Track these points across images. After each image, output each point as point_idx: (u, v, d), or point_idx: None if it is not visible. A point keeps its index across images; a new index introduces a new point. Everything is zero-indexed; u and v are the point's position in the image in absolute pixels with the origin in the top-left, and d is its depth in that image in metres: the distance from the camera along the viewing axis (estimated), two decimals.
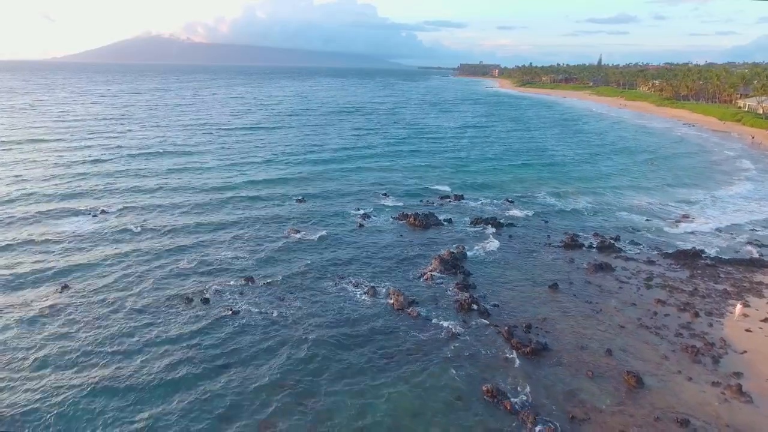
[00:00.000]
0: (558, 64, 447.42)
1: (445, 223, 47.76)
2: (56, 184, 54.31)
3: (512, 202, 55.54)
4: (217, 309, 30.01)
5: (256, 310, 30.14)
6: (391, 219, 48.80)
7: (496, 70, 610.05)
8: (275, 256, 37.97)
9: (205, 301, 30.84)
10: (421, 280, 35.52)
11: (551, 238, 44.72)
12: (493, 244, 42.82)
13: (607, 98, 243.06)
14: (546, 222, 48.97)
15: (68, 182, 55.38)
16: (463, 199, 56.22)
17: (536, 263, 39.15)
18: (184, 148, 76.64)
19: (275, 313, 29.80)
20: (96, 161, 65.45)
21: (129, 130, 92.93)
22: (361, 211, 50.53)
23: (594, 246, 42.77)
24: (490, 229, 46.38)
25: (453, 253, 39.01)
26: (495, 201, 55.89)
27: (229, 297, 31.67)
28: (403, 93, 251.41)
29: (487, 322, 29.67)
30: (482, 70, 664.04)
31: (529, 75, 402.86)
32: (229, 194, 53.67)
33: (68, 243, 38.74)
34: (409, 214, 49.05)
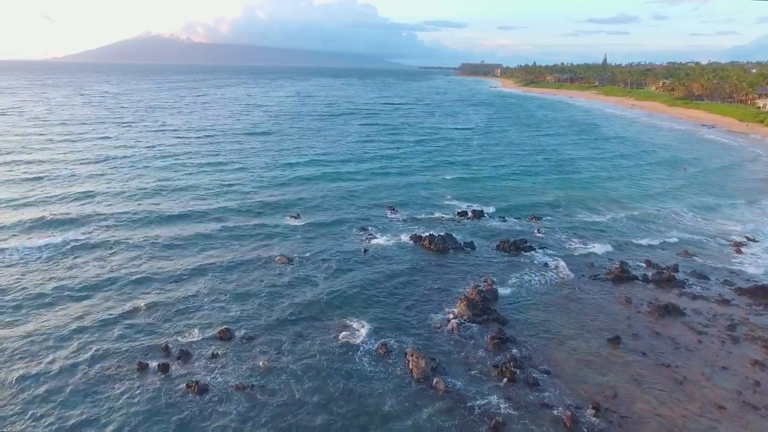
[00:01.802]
0: (562, 64, 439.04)
1: (466, 247, 40.22)
2: (14, 206, 46.22)
3: (540, 219, 47.98)
4: (177, 383, 22.48)
5: (231, 382, 22.61)
6: (401, 241, 41.33)
7: (498, 70, 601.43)
8: (261, 297, 30.43)
9: (164, 369, 23.32)
10: (445, 330, 28.02)
11: (595, 267, 37.19)
12: (527, 276, 35.30)
13: (615, 98, 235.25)
14: (585, 245, 41.43)
15: (27, 204, 46.55)
16: (483, 216, 48.68)
17: (585, 304, 31.62)
18: (169, 159, 67.69)
19: (254, 390, 22.26)
20: (66, 177, 56.06)
21: (113, 137, 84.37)
22: (367, 232, 43.09)
23: (650, 278, 35.23)
24: (521, 256, 38.85)
25: (481, 291, 31.48)
26: (520, 219, 48.30)
27: (197, 361, 24.16)
28: (406, 93, 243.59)
29: (540, 401, 22.16)
30: (484, 70, 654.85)
31: (533, 74, 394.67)
32: (212, 212, 45.92)
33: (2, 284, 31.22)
34: (424, 235, 41.59)
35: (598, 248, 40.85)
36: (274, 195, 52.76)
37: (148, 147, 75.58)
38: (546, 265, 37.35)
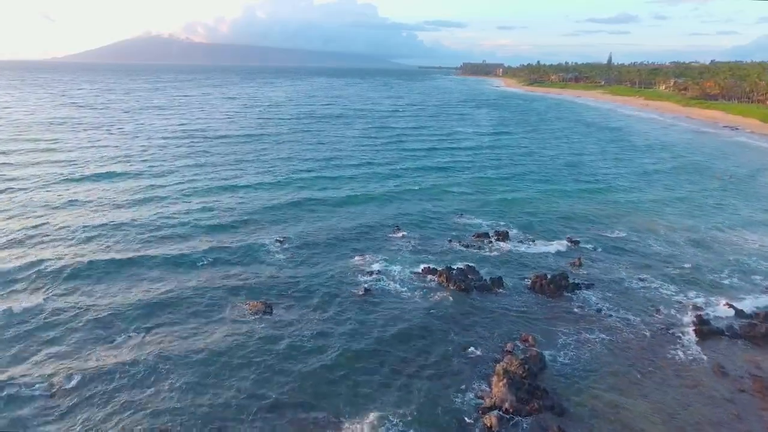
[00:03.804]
0: (566, 63, 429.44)
1: (493, 285, 31.85)
2: None
3: (577, 243, 39.58)
4: None
5: None
6: (411, 276, 33.03)
7: (500, 69, 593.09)
8: (216, 377, 21.98)
9: None
10: (479, 427, 19.70)
11: (662, 313, 28.86)
12: (578, 330, 26.96)
13: (624, 98, 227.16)
14: (641, 282, 33.04)
15: None
16: (508, 238, 40.32)
17: (665, 376, 23.27)
18: (144, 177, 55.68)
19: None
20: (15, 205, 44.18)
21: (89, 145, 74.15)
22: (367, 262, 34.79)
23: (739, 332, 26.91)
24: (564, 299, 30.52)
25: (525, 361, 23.10)
26: (553, 242, 39.91)
27: None
28: (409, 93, 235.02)
29: None
30: (485, 69, 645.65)
31: (536, 74, 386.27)
32: (178, 243, 36.84)
33: None
34: (439, 269, 33.31)
35: (659, 286, 32.44)
36: (259, 210, 44.20)
37: (123, 157, 65.24)
38: (599, 312, 29.02)
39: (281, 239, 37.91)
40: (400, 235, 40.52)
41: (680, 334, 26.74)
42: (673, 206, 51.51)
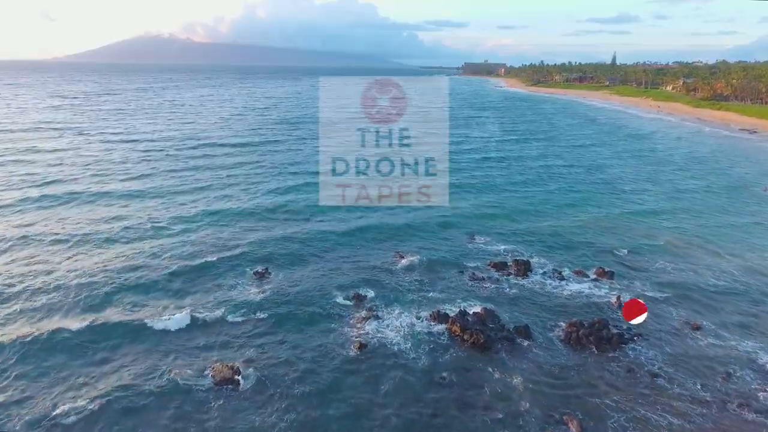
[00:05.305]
0: (570, 63, 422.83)
1: (518, 336, 25.97)
2: None
3: (612, 278, 33.51)
4: None
5: None
6: (417, 325, 27.13)
7: (503, 69, 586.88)
8: None
9: None
10: None
11: (736, 377, 22.97)
12: (635, 407, 21.04)
13: (632, 99, 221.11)
14: (699, 329, 27.12)
15: None
16: (530, 269, 34.36)
17: None
18: (115, 191, 49.73)
19: None
20: None
21: (61, 152, 68.49)
22: (364, 304, 28.97)
23: None
24: (607, 358, 24.60)
25: None
26: (584, 275, 33.94)
27: None
28: (410, 95, 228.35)
29: None
30: (487, 69, 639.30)
31: (540, 74, 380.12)
32: (141, 295, 30.19)
33: None
34: (451, 314, 27.45)
35: (723, 339, 26.45)
36: (240, 246, 36.97)
37: (98, 171, 57.92)
38: (655, 378, 23.07)
39: (263, 277, 31.89)
40: (403, 265, 34.58)
41: (762, 410, 20.82)
42: (723, 232, 43.93)
